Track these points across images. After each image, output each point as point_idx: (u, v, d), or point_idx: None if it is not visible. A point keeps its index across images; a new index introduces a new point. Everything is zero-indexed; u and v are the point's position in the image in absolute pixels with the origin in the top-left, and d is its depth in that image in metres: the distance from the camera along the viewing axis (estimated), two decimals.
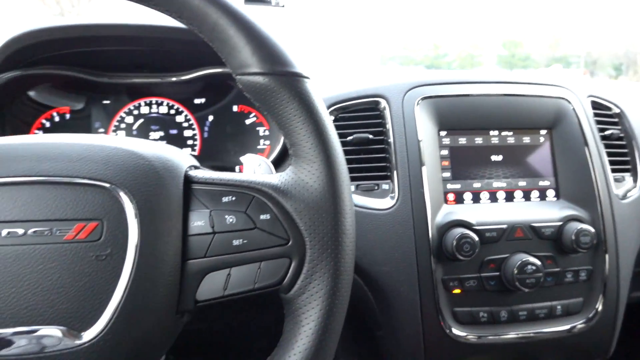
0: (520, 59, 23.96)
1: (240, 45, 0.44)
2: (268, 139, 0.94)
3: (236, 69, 0.45)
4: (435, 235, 0.77)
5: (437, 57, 24.27)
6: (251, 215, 0.44)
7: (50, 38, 0.75)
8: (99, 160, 0.42)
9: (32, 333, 0.39)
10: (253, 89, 0.45)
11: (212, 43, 0.45)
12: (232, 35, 0.44)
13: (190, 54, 0.83)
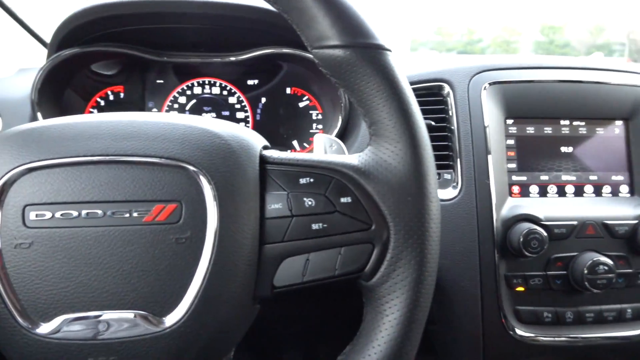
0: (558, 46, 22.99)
1: (319, 16, 0.41)
2: (321, 123, 0.91)
3: (313, 41, 0.42)
4: (500, 229, 0.73)
5: (471, 43, 23.58)
6: (331, 198, 0.41)
7: (109, 14, 0.73)
8: (176, 139, 0.40)
9: (114, 317, 0.37)
10: (331, 63, 0.42)
11: (288, 14, 0.42)
12: (310, 5, 0.41)
13: (248, 33, 0.81)
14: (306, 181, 0.42)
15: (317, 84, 0.91)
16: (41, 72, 0.78)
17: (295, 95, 0.92)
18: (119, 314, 0.38)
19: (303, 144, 0.91)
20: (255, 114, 0.91)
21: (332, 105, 0.90)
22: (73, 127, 0.40)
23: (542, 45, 28.02)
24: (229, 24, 0.77)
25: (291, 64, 0.89)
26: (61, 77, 0.82)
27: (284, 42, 0.83)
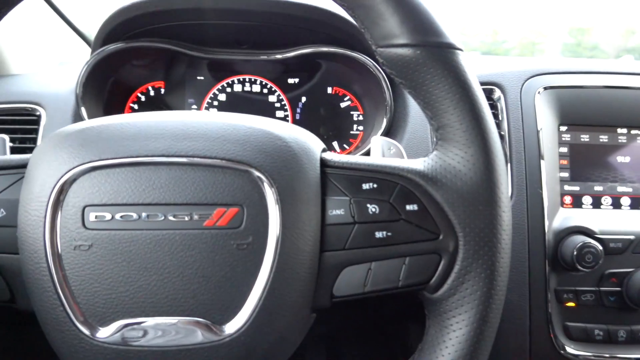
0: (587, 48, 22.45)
1: (386, 13, 0.39)
2: (362, 124, 0.89)
3: (379, 40, 0.40)
4: (552, 241, 0.70)
5: (495, 44, 23.12)
6: (396, 205, 0.39)
7: (156, 9, 0.72)
8: (238, 140, 0.38)
9: (173, 324, 0.36)
10: (398, 62, 0.40)
11: (354, 11, 0.40)
12: (378, 1, 0.39)
13: (293, 31, 0.79)
14: (369, 187, 0.40)
15: (359, 84, 0.89)
16: (86, 66, 0.77)
17: (337, 95, 0.90)
18: (179, 320, 0.36)
19: (343, 145, 0.89)
20: (295, 113, 0.90)
21: (373, 106, 0.87)
22: (133, 126, 0.39)
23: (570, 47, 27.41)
24: (274, 22, 0.76)
25: (333, 63, 0.87)
26: (105, 71, 0.82)
27: (328, 40, 0.81)
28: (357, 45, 0.80)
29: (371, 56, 0.80)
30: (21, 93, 0.83)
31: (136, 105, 0.89)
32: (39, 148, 0.39)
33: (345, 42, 0.80)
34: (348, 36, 0.78)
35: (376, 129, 0.84)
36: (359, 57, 0.79)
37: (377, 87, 0.82)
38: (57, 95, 0.82)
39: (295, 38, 0.82)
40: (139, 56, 0.84)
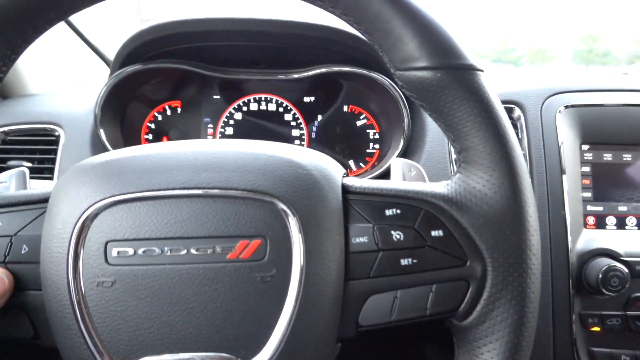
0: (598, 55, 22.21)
1: (406, 37, 0.38)
2: (378, 142, 0.89)
3: (399, 63, 0.39)
4: (575, 264, 0.69)
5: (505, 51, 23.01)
6: (421, 231, 0.38)
7: (175, 32, 0.73)
8: (258, 170, 0.38)
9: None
10: (419, 85, 0.39)
11: (371, 34, 0.40)
12: (396, 25, 0.38)
13: (309, 51, 0.79)
14: (393, 212, 0.39)
15: (375, 103, 0.88)
16: (105, 88, 0.78)
17: (353, 113, 0.89)
18: (204, 356, 0.36)
19: (359, 163, 0.89)
20: (310, 132, 0.89)
21: (390, 125, 0.87)
22: (152, 159, 0.39)
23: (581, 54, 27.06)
24: (290, 42, 0.76)
25: (349, 81, 0.87)
26: (123, 92, 0.82)
27: (345, 59, 0.81)
28: (373, 64, 0.79)
29: (388, 75, 0.79)
30: (40, 113, 0.84)
31: (153, 124, 0.89)
32: (60, 182, 0.39)
33: (361, 61, 0.80)
34: (364, 55, 0.78)
35: (393, 148, 0.83)
36: (376, 77, 0.79)
37: (394, 106, 0.81)
38: (76, 116, 0.82)
39: (312, 58, 0.82)
40: (156, 77, 0.85)
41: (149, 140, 0.89)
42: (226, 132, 0.89)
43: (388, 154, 0.84)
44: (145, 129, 0.89)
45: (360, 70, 0.80)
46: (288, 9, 0.75)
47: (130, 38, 0.75)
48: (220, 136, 0.89)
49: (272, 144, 0.42)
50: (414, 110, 0.81)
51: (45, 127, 0.82)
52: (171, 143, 0.42)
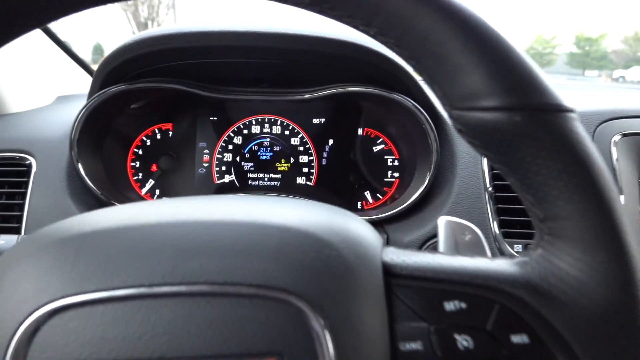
0: (595, 59, 22.29)
1: (469, 65, 0.27)
2: (398, 170, 0.78)
3: (458, 100, 0.28)
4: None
5: None
6: (497, 334, 0.27)
7: (164, 47, 0.62)
8: (269, 253, 0.27)
9: None
10: (486, 130, 0.28)
11: (420, 61, 0.29)
12: (455, 49, 0.27)
13: (320, 68, 0.68)
14: (455, 307, 0.28)
15: (394, 125, 0.77)
16: (84, 111, 0.67)
17: (369, 137, 0.79)
18: None
19: (376, 195, 0.78)
20: (320, 159, 0.78)
21: (411, 150, 0.76)
22: (123, 236, 0.27)
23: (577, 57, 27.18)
24: (301, 59, 0.65)
25: (365, 102, 0.77)
26: (105, 115, 0.71)
27: (361, 78, 0.70)
28: (394, 83, 0.69)
29: (410, 95, 0.69)
30: (7, 139, 0.73)
31: (141, 150, 0.78)
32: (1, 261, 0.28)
33: (379, 80, 0.69)
34: (383, 74, 0.67)
35: (418, 179, 0.72)
36: (398, 99, 0.68)
37: (418, 129, 0.71)
38: (50, 142, 0.71)
39: (323, 76, 0.71)
40: (143, 97, 0.74)
41: (136, 168, 0.78)
42: (224, 158, 0.78)
43: (412, 186, 0.73)
44: (131, 155, 0.78)
45: (379, 90, 0.69)
46: (295, 18, 0.64)
47: (110, 55, 0.63)
48: (217, 163, 0.78)
49: (285, 205, 0.31)
50: (443, 135, 0.70)
51: (14, 156, 0.71)
52: (147, 204, 0.31)
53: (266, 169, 0.78)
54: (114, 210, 0.30)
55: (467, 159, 0.68)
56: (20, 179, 0.70)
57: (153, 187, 0.78)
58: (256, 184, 0.78)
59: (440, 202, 0.68)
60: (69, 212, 0.66)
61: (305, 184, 0.78)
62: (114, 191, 0.73)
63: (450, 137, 0.70)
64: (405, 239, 0.66)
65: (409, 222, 0.69)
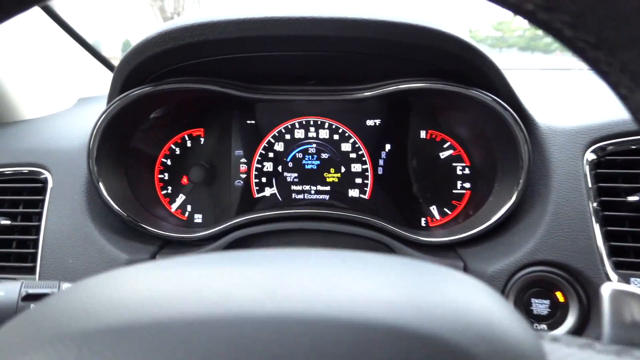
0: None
1: None
2: (469, 180, 0.65)
3: None
4: None
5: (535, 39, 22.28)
6: None
7: (193, 41, 0.51)
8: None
9: None
10: None
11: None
12: None
13: (384, 62, 0.56)
14: None
15: (464, 126, 0.65)
16: (101, 120, 0.57)
17: (433, 141, 0.66)
18: None
19: (444, 209, 0.66)
20: (376, 167, 0.67)
21: (485, 156, 0.63)
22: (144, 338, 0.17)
23: None
24: (365, 50, 0.53)
25: (429, 99, 0.64)
26: (127, 122, 0.62)
27: (428, 72, 0.58)
28: (473, 77, 0.56)
29: (492, 91, 0.56)
30: (21, 150, 0.64)
31: (169, 160, 0.68)
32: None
33: (453, 74, 0.57)
34: (463, 66, 0.54)
35: (501, 192, 0.59)
36: (477, 95, 0.56)
37: (499, 131, 0.58)
38: (67, 153, 0.62)
39: (383, 70, 0.59)
40: (171, 100, 0.64)
41: (164, 181, 0.68)
42: (264, 168, 0.67)
43: (491, 200, 0.61)
44: (159, 166, 0.68)
45: (454, 86, 0.57)
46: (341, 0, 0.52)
47: (132, 51, 0.53)
48: (257, 174, 0.67)
49: (388, 275, 0.20)
50: (532, 139, 0.57)
51: (27, 170, 0.62)
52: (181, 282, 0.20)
53: (312, 180, 0.67)
54: (135, 282, 0.20)
55: (566, 169, 0.55)
56: (36, 196, 0.61)
57: (184, 202, 0.68)
58: (301, 197, 0.67)
59: (531, 223, 0.55)
60: (90, 238, 0.57)
61: (359, 197, 0.66)
62: (139, 210, 0.63)
63: (543, 142, 0.57)
64: (489, 269, 0.54)
65: (491, 246, 0.57)
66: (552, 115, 0.60)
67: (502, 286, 0.53)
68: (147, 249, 0.59)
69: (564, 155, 0.56)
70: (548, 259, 0.53)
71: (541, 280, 0.53)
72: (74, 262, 0.57)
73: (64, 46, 0.90)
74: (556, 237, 0.53)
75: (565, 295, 0.53)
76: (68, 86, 0.89)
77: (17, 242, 0.61)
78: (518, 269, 0.53)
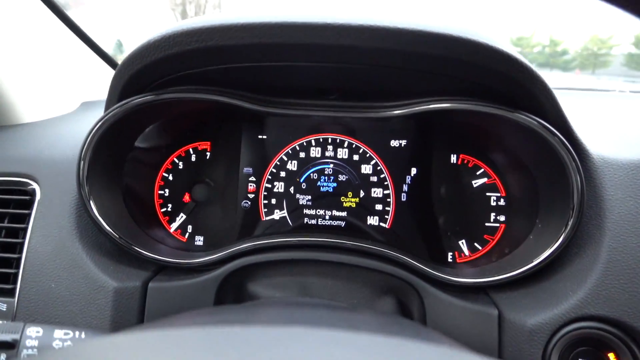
0: None
1: None
2: (505, 213, 0.58)
3: None
4: None
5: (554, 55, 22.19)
6: None
7: (197, 46, 0.45)
8: None
9: None
10: None
11: None
12: None
13: (415, 76, 0.49)
14: None
15: (501, 152, 0.58)
16: (95, 130, 0.51)
17: (465, 166, 0.59)
18: None
19: (474, 244, 0.58)
20: (399, 193, 0.60)
21: (523, 187, 0.56)
22: None
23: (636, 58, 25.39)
24: (400, 64, 0.46)
25: (462, 119, 0.57)
26: (125, 132, 0.56)
27: (465, 91, 0.51)
28: (518, 99, 0.49)
29: (540, 115, 0.49)
30: (10, 158, 0.58)
31: (171, 175, 0.62)
32: None
33: (496, 95, 0.49)
34: (509, 87, 0.47)
35: (546, 230, 0.52)
36: (523, 120, 0.48)
37: (544, 159, 0.51)
38: (57, 163, 0.57)
39: (415, 86, 0.52)
40: (174, 111, 0.58)
41: (164, 198, 0.62)
42: (274, 188, 0.61)
43: (534, 238, 0.53)
44: (159, 181, 0.62)
45: (496, 108, 0.49)
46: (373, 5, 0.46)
47: (132, 56, 0.47)
48: (266, 194, 0.61)
49: None
50: (588, 171, 0.49)
51: (15, 180, 0.56)
52: None
53: (327, 205, 0.60)
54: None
55: (623, 208, 0.47)
56: (23, 210, 0.55)
57: (184, 222, 0.62)
58: (314, 222, 0.60)
59: (580, 270, 0.47)
60: (76, 260, 0.51)
61: (379, 225, 0.59)
62: (134, 229, 0.57)
63: (596, 175, 0.50)
64: (529, 321, 0.46)
65: (531, 293, 0.49)
66: (603, 145, 0.53)
67: (544, 343, 0.45)
68: (139, 275, 0.52)
69: (622, 193, 0.48)
70: (600, 314, 0.45)
71: (591, 339, 0.46)
72: (56, 286, 0.51)
73: (67, 47, 0.85)
74: (610, 288, 0.45)
75: (619, 356, 0.45)
76: (71, 89, 0.83)
77: (0, 261, 0.55)
78: (564, 323, 0.45)
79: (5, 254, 0.54)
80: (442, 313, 0.50)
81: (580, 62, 24.37)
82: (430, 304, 0.51)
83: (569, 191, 0.48)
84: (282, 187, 0.61)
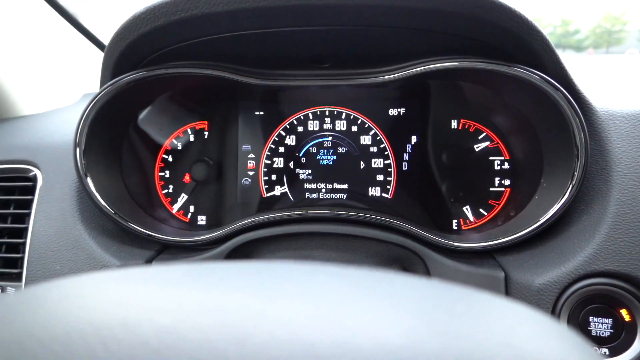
0: None
1: None
2: (509, 176, 0.57)
3: None
4: None
5: (566, 35, 21.70)
6: None
7: (182, 16, 0.44)
8: None
9: None
10: None
11: None
12: None
13: (409, 37, 0.48)
14: None
15: (503, 114, 0.56)
16: (90, 108, 0.52)
17: (466, 131, 0.58)
18: None
19: (479, 210, 0.57)
20: (400, 162, 0.59)
21: (527, 148, 0.55)
22: None
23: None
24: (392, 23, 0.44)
25: (463, 83, 0.56)
26: (120, 112, 0.56)
27: (462, 49, 0.49)
28: (517, 55, 0.47)
29: (541, 70, 0.47)
30: (15, 148, 0.59)
31: (170, 156, 0.62)
32: None
33: (494, 51, 0.48)
34: (507, 42, 0.46)
35: (550, 189, 0.50)
36: (523, 75, 0.47)
37: (547, 117, 0.49)
38: (57, 148, 0.57)
39: (409, 49, 0.51)
40: (169, 88, 0.58)
41: (165, 179, 0.62)
42: (274, 164, 0.60)
43: (538, 199, 0.52)
44: (159, 162, 0.62)
45: (494, 64, 0.48)
46: None
47: (120, 31, 0.47)
48: (266, 171, 0.60)
49: None
50: (588, 126, 0.48)
51: (18, 167, 0.57)
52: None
53: (328, 178, 0.60)
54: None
55: (631, 160, 0.46)
56: (27, 196, 0.56)
57: (186, 202, 0.62)
58: (315, 196, 0.60)
59: (587, 226, 0.46)
60: (79, 241, 0.52)
61: (381, 196, 0.59)
62: (135, 210, 0.57)
63: (601, 128, 0.48)
64: (536, 281, 0.45)
65: (538, 253, 0.48)
66: (609, 99, 0.51)
67: (552, 302, 0.44)
68: (142, 254, 0.53)
69: (628, 145, 0.46)
70: (610, 269, 0.44)
71: (601, 295, 0.44)
72: (61, 268, 0.51)
73: (68, 40, 0.86)
74: (620, 242, 0.44)
75: (632, 313, 0.44)
76: (72, 82, 0.84)
77: (7, 246, 0.56)
78: (572, 281, 0.44)
79: (12, 239, 0.55)
80: (449, 279, 0.49)
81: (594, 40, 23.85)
82: (436, 270, 0.50)
83: (573, 147, 0.46)
84: (282, 163, 0.60)
